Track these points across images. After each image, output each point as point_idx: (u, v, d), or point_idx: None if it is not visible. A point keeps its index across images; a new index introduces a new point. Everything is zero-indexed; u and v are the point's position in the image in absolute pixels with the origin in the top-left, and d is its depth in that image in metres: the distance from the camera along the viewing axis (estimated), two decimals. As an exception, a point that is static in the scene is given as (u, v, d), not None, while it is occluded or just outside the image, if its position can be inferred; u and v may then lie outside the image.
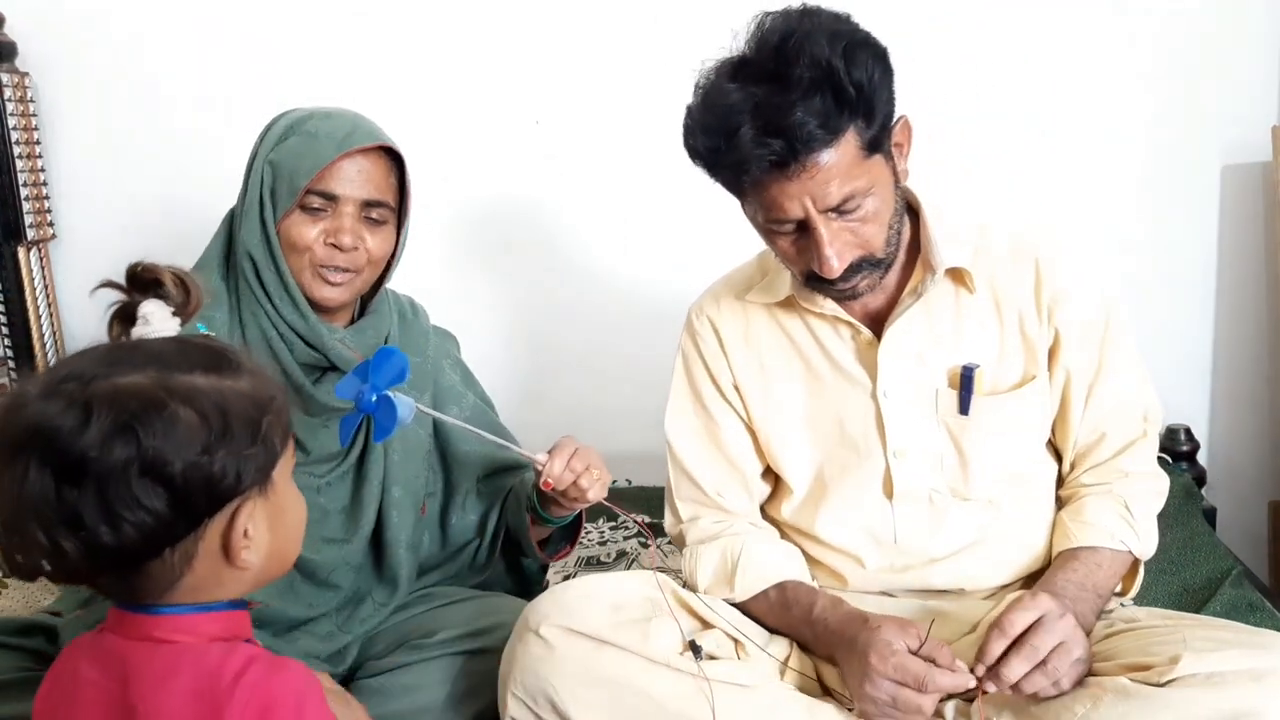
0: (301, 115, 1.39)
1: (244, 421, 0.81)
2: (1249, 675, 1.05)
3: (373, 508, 1.44)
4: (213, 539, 0.83)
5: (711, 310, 1.41)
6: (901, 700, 1.13)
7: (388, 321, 1.49)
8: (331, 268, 1.37)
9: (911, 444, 1.32)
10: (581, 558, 2.00)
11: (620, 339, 2.35)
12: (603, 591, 1.28)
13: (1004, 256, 1.31)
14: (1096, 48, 2.17)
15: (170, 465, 0.77)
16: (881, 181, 1.20)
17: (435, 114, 2.28)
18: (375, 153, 1.39)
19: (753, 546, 1.35)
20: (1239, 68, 2.16)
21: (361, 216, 1.38)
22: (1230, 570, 1.69)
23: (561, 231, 2.35)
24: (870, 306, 1.32)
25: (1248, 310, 2.24)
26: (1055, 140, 2.19)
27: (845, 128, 1.14)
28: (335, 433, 1.42)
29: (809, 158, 1.13)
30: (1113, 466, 1.33)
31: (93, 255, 2.31)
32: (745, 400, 1.39)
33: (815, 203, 1.16)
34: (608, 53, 2.23)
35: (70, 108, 2.31)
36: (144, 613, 0.84)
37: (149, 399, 0.77)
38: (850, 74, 1.12)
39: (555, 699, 1.20)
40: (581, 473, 1.33)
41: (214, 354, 0.84)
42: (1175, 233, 2.23)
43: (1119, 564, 1.30)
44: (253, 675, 0.82)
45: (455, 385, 1.59)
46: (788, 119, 1.10)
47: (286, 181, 1.34)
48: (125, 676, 0.83)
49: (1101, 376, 1.32)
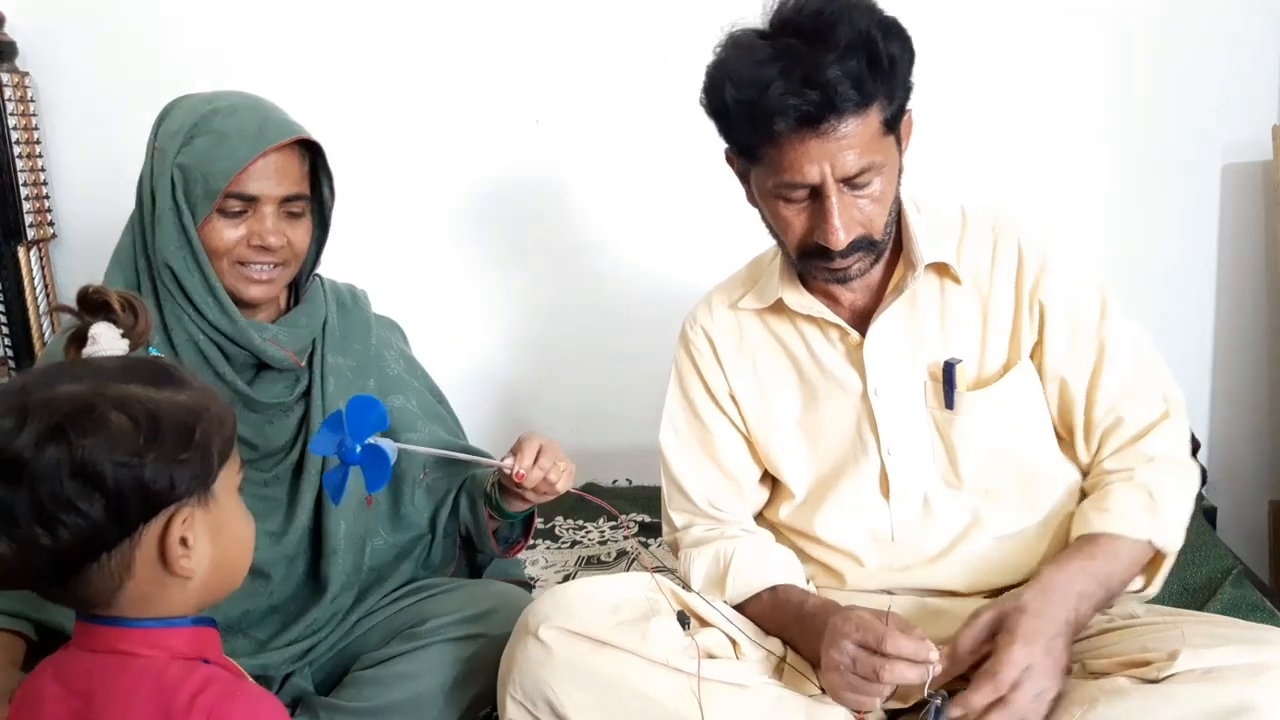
0: (204, 111, 1.34)
1: (176, 428, 0.82)
2: (1247, 670, 1.05)
3: (309, 496, 1.41)
4: (149, 546, 0.84)
5: (705, 320, 1.41)
6: (861, 663, 1.12)
7: (323, 310, 1.47)
8: (257, 265, 1.35)
9: (904, 441, 1.32)
10: (582, 557, 2.01)
11: (619, 338, 2.35)
12: (602, 592, 1.28)
13: (985, 246, 1.31)
14: (1096, 47, 2.17)
15: (101, 467, 0.79)
16: (891, 164, 1.21)
17: (436, 113, 2.28)
18: (288, 145, 1.35)
19: (744, 551, 1.35)
20: (1239, 67, 2.16)
21: (281, 213, 1.36)
22: (1230, 570, 1.68)
23: (562, 231, 2.36)
24: (857, 306, 1.33)
25: (1248, 310, 2.24)
26: (1055, 142, 2.19)
27: (875, 98, 1.15)
28: (280, 428, 1.42)
29: (838, 119, 1.14)
30: (1136, 451, 1.28)
31: (93, 255, 2.28)
32: (741, 409, 1.39)
33: (833, 169, 1.16)
34: (607, 52, 2.23)
35: (70, 108, 2.31)
36: (108, 625, 0.86)
37: (81, 403, 0.80)
38: (887, 46, 1.14)
39: (554, 701, 1.19)
40: (549, 468, 1.35)
41: (157, 369, 0.86)
42: (1175, 232, 2.23)
43: (1138, 555, 1.24)
44: (207, 698, 0.83)
45: (400, 375, 1.56)
46: (824, 74, 1.12)
47: (200, 186, 1.30)
48: (89, 693, 0.84)
49: (1105, 360, 1.29)
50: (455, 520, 1.56)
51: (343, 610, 1.44)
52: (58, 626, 1.25)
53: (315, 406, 1.43)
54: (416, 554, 1.55)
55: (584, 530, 2.14)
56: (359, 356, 1.50)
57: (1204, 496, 2.09)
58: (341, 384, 1.46)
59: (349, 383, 1.47)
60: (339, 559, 1.42)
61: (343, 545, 1.42)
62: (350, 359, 1.49)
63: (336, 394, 1.44)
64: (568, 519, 2.18)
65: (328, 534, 1.41)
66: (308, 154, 1.39)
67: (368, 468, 1.16)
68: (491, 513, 1.50)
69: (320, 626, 1.42)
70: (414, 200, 2.34)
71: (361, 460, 1.16)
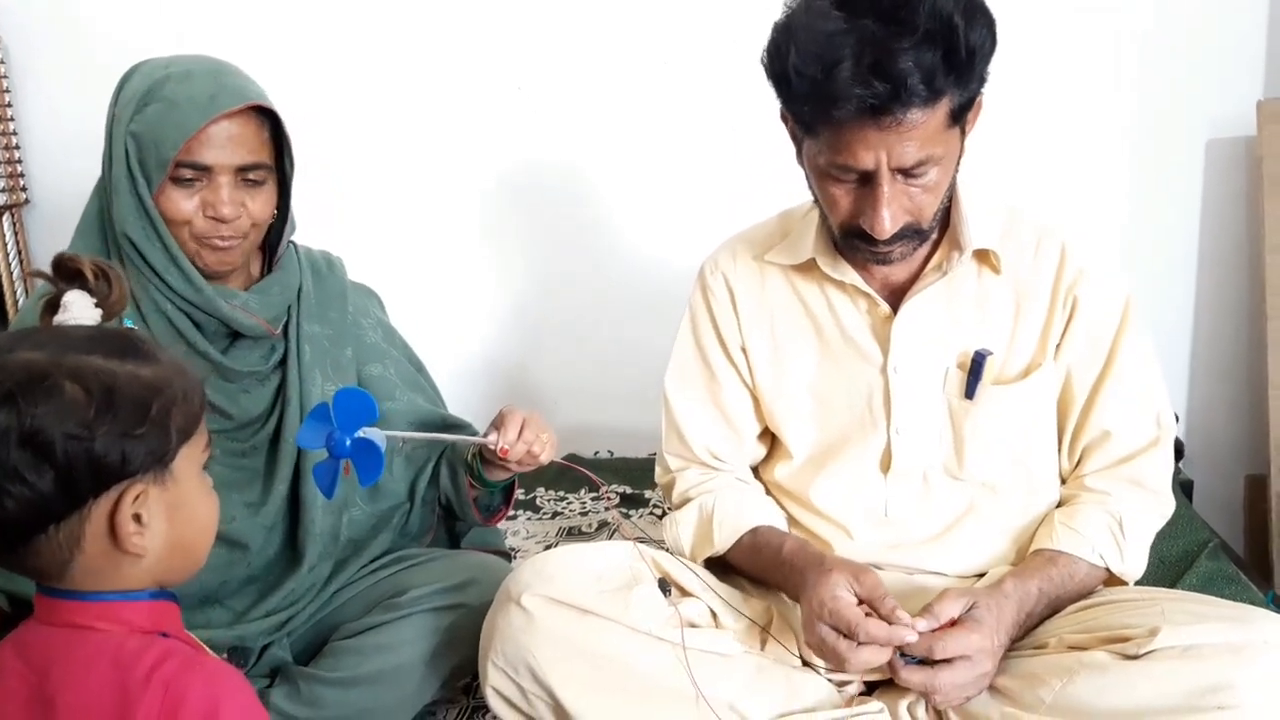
0: (158, 77, 1.29)
1: (132, 402, 0.80)
2: (1226, 648, 1.06)
3: (287, 467, 1.40)
4: (99, 521, 0.82)
5: (728, 266, 1.38)
6: (830, 646, 1.13)
7: (297, 278, 1.44)
8: (216, 237, 1.31)
9: (915, 421, 1.30)
10: (563, 528, 2.01)
11: (607, 315, 2.35)
12: (584, 561, 1.28)
13: (1029, 242, 1.28)
14: (1081, 22, 2.15)
15: (49, 437, 0.77)
16: (951, 155, 1.16)
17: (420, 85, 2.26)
18: (244, 112, 1.29)
19: (725, 498, 1.35)
20: (1224, 42, 2.15)
21: (238, 182, 1.31)
22: (1207, 543, 1.70)
23: (549, 209, 2.34)
24: (892, 280, 1.29)
25: (1229, 285, 2.25)
26: (1039, 114, 2.18)
27: (946, 91, 1.09)
28: (256, 397, 1.39)
29: (904, 112, 1.07)
30: (1119, 473, 1.29)
31: (67, 220, 2.21)
32: (751, 363, 1.37)
33: (890, 159, 1.11)
34: (599, 25, 2.21)
35: (44, 73, 2.27)
36: (64, 598, 0.84)
37: (34, 371, 0.78)
38: (968, 36, 1.07)
39: (536, 668, 1.19)
40: (533, 440, 1.33)
41: (125, 342, 0.84)
42: (1159, 207, 2.23)
43: (1093, 579, 1.27)
44: (166, 671, 0.81)
45: (378, 343, 1.54)
46: (897, 64, 1.04)
47: (153, 154, 1.26)
48: (46, 667, 0.83)
49: (1111, 371, 1.28)
50: (435, 489, 1.55)
51: (320, 580, 1.43)
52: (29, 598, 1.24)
53: (292, 375, 1.41)
54: (395, 523, 1.54)
55: (565, 501, 2.14)
56: (335, 325, 1.48)
57: (1181, 470, 2.11)
58: (318, 352, 1.44)
59: (325, 351, 1.45)
60: (316, 528, 1.41)
61: (320, 515, 1.41)
62: (327, 327, 1.47)
63: (313, 363, 1.42)
64: (549, 490, 2.18)
65: (305, 504, 1.40)
66: (267, 121, 1.34)
67: (359, 461, 1.14)
68: (472, 481, 1.49)
69: (298, 598, 1.41)
70: (398, 174, 2.32)
71: (352, 454, 1.14)
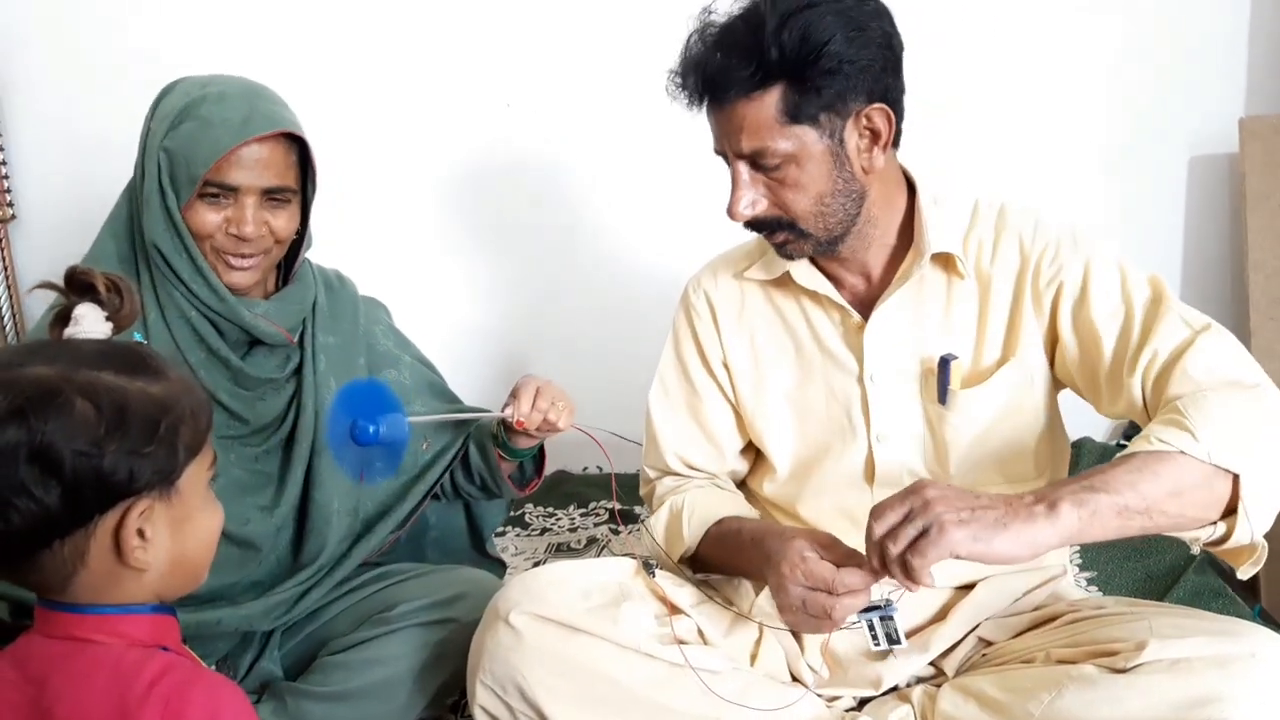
0: (195, 95, 1.34)
1: (142, 420, 0.81)
2: (1214, 661, 1.06)
3: (299, 471, 1.42)
4: (104, 537, 0.82)
5: (709, 285, 1.42)
6: (810, 602, 1.12)
7: (312, 290, 1.48)
8: (236, 254, 1.35)
9: (894, 429, 1.31)
10: (552, 544, 2.00)
11: (600, 332, 2.36)
12: (573, 578, 1.28)
13: (988, 236, 1.29)
14: (1064, 38, 2.18)
15: (59, 453, 0.77)
16: (814, 156, 1.20)
17: (414, 95, 2.27)
18: (274, 137, 1.34)
19: (695, 496, 1.37)
20: (1207, 59, 2.18)
21: (263, 202, 1.35)
22: (1194, 557, 1.71)
23: (540, 218, 2.35)
24: (862, 290, 1.32)
25: (1212, 301, 2.26)
26: (1022, 130, 2.21)
27: (765, 85, 1.16)
28: (272, 404, 1.42)
29: (725, 97, 1.18)
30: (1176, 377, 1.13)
31: (53, 236, 2.27)
32: (733, 378, 1.40)
33: (730, 144, 1.21)
34: (587, 33, 2.23)
35: (31, 88, 2.27)
36: (64, 611, 0.84)
37: (46, 387, 0.78)
38: (781, 35, 1.14)
39: (525, 687, 1.19)
40: (548, 408, 1.40)
41: (135, 358, 0.84)
42: (1142, 223, 2.25)
43: (1177, 474, 1.03)
44: (166, 685, 0.81)
45: (390, 350, 1.58)
46: (718, 52, 1.17)
47: (184, 170, 1.31)
48: (44, 679, 0.83)
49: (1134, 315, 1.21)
50: (468, 471, 1.58)
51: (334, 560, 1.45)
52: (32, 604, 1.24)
53: (307, 384, 1.44)
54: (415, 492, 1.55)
55: (554, 518, 2.14)
56: (348, 334, 1.51)
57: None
58: (332, 361, 1.47)
59: (339, 360, 1.48)
60: (332, 532, 1.43)
61: (334, 519, 1.43)
62: (340, 337, 1.50)
63: (328, 371, 1.46)
64: (538, 506, 2.18)
65: (319, 507, 1.42)
66: (295, 145, 1.38)
67: (384, 447, 1.16)
68: (503, 454, 1.53)
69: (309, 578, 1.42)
70: (394, 183, 2.33)
71: (377, 440, 1.16)
